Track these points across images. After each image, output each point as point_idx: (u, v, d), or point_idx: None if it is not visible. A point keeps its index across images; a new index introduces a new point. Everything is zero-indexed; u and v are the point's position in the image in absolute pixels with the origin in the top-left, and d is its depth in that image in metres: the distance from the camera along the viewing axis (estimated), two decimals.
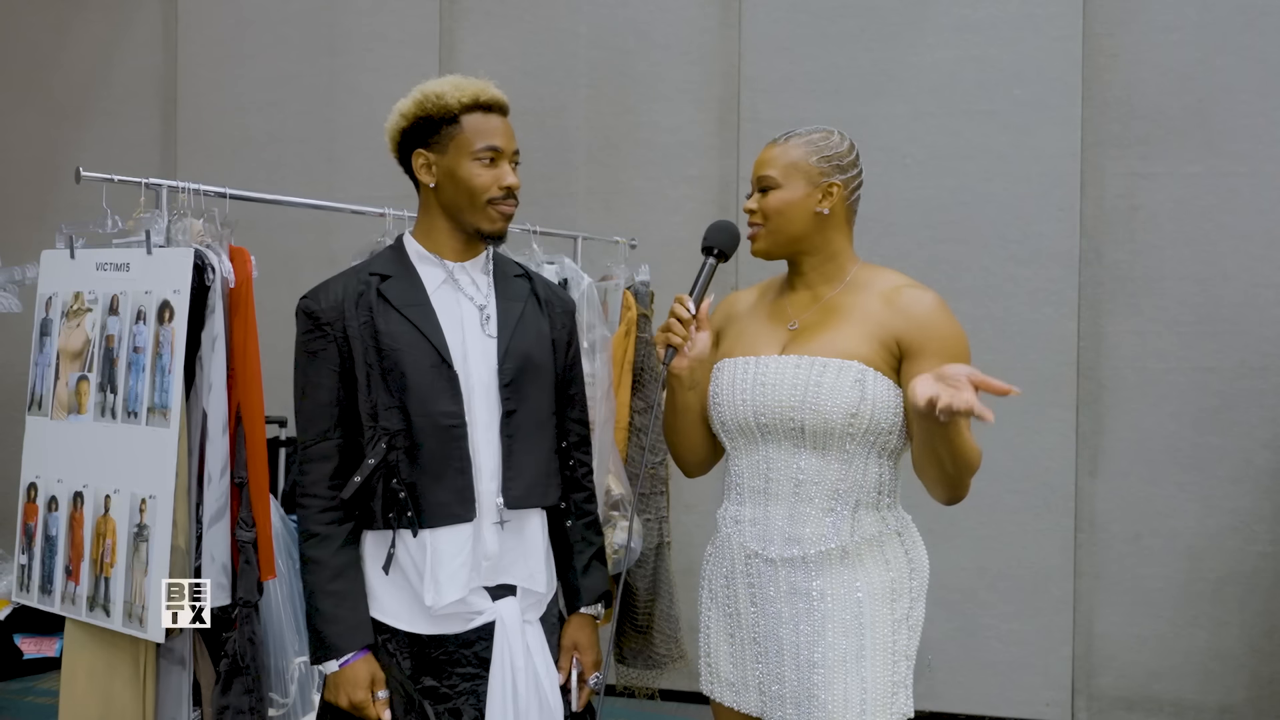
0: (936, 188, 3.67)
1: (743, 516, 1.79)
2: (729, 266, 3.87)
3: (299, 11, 4.33)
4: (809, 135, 1.79)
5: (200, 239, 2.11)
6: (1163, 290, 3.53)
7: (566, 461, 1.87)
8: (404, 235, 1.83)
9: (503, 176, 1.74)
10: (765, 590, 1.75)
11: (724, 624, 1.84)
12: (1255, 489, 3.47)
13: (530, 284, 1.86)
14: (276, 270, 2.77)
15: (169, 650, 2.08)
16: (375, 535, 1.74)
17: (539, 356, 1.80)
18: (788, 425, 1.71)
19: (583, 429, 1.92)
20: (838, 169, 1.77)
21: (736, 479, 1.81)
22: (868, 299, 1.74)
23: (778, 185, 1.76)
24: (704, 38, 3.91)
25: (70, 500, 2.18)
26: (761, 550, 1.75)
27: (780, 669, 1.74)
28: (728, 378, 1.79)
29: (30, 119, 4.71)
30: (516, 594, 1.77)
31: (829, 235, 1.78)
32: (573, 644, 1.87)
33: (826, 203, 1.76)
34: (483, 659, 1.74)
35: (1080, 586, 3.61)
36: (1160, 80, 3.53)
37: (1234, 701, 3.51)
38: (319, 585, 1.70)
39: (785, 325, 1.80)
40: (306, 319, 1.74)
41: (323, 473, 1.72)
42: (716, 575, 1.85)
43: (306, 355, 1.74)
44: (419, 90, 1.75)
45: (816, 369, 1.69)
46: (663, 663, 3.19)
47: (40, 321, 2.28)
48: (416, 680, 1.72)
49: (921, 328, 1.69)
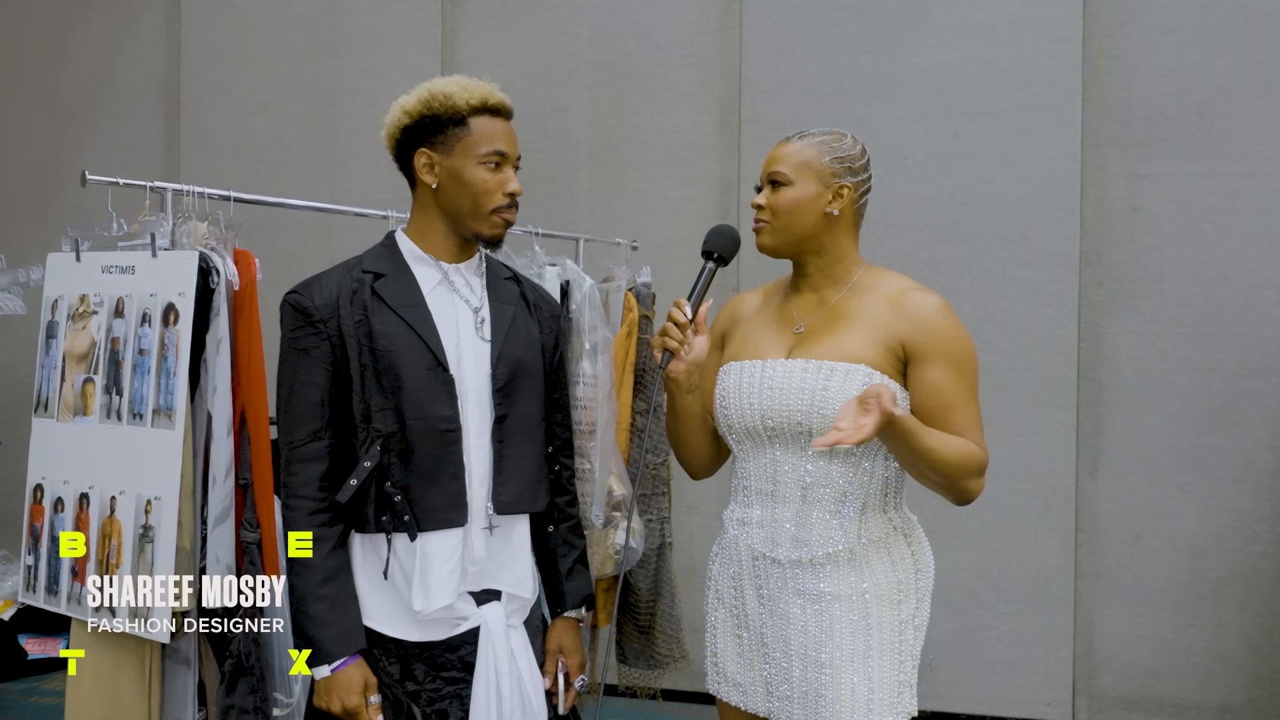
0: (937, 189, 3.68)
1: (750, 518, 1.79)
2: (730, 269, 3.88)
3: (301, 14, 4.34)
4: (822, 135, 1.79)
5: (204, 242, 2.12)
6: (1163, 291, 3.54)
7: (552, 466, 1.86)
8: (396, 233, 1.81)
9: (507, 182, 1.73)
10: (773, 591, 1.76)
11: (731, 625, 1.84)
12: (1255, 489, 3.48)
13: (519, 287, 1.86)
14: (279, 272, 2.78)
15: (174, 650, 2.09)
16: (364, 539, 1.72)
17: (530, 361, 1.79)
18: (795, 429, 1.71)
19: (566, 433, 1.91)
20: (849, 171, 1.78)
21: (744, 481, 1.81)
22: (873, 302, 1.75)
23: (789, 182, 1.76)
24: (705, 40, 3.92)
25: (76, 502, 2.19)
26: (769, 552, 1.76)
27: (788, 669, 1.75)
28: (734, 381, 1.79)
29: (34, 121, 4.73)
30: (501, 599, 1.77)
31: (836, 236, 1.79)
32: (558, 647, 1.87)
33: (836, 204, 1.77)
34: (468, 663, 1.73)
35: (1081, 587, 3.61)
36: (1160, 82, 3.53)
37: (1234, 701, 3.51)
38: (309, 589, 1.67)
39: (791, 328, 1.80)
40: (297, 314, 1.70)
41: (312, 474, 1.68)
42: (723, 576, 1.86)
43: (296, 352, 1.70)
44: (425, 88, 1.74)
45: (824, 373, 1.70)
46: (664, 663, 3.20)
47: (46, 324, 2.29)
48: (402, 684, 1.72)
49: (926, 332, 1.70)
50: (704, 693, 1.94)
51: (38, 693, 3.94)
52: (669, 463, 3.21)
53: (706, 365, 1.90)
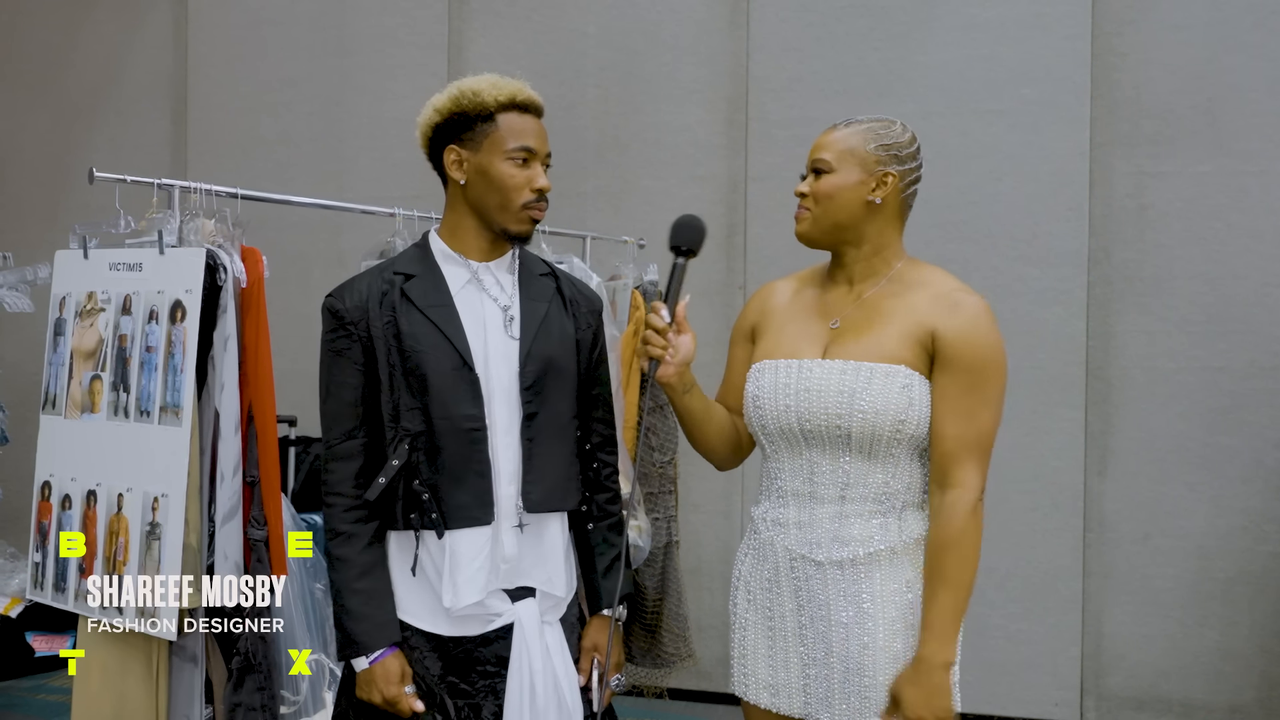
0: (945, 187, 3.67)
1: (786, 519, 1.75)
2: (735, 267, 3.87)
3: (308, 12, 4.35)
4: (870, 123, 1.74)
5: (212, 239, 2.12)
6: (1172, 289, 3.53)
7: (590, 463, 1.86)
8: (429, 233, 1.82)
9: (535, 178, 1.73)
10: (814, 593, 1.72)
11: (764, 627, 1.79)
12: (1265, 489, 3.46)
13: (556, 282, 1.85)
14: (286, 270, 2.79)
15: (181, 648, 2.09)
16: (398, 536, 1.75)
17: (562, 358, 1.79)
18: (834, 431, 1.68)
19: (607, 429, 1.90)
20: (895, 159, 1.72)
21: (778, 481, 1.77)
22: (914, 298, 1.71)
23: (831, 169, 1.72)
24: (712, 37, 3.92)
25: (84, 499, 2.19)
26: (809, 553, 1.72)
27: (828, 670, 1.71)
28: (769, 381, 1.75)
29: (42, 119, 4.74)
30: (535, 596, 1.77)
31: (879, 226, 1.74)
32: (593, 645, 1.86)
33: (880, 192, 1.71)
34: (502, 658, 1.74)
35: (1089, 586, 3.60)
36: (1169, 79, 3.52)
37: (1244, 701, 3.50)
38: (346, 583, 1.71)
39: (826, 323, 1.76)
40: (331, 318, 1.74)
41: (348, 472, 1.72)
42: (756, 577, 1.80)
43: (331, 354, 1.74)
44: (455, 86, 1.75)
45: (863, 375, 1.66)
46: (671, 662, 3.20)
47: (54, 321, 2.30)
48: (443, 677, 1.73)
49: (960, 336, 1.66)
50: (710, 691, 1.93)
51: (45, 690, 3.95)
52: (675, 461, 3.21)
53: (737, 356, 1.87)
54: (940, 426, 1.66)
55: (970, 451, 1.66)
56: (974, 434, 1.66)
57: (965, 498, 1.66)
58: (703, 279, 3.87)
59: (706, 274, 3.89)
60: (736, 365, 1.87)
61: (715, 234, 3.91)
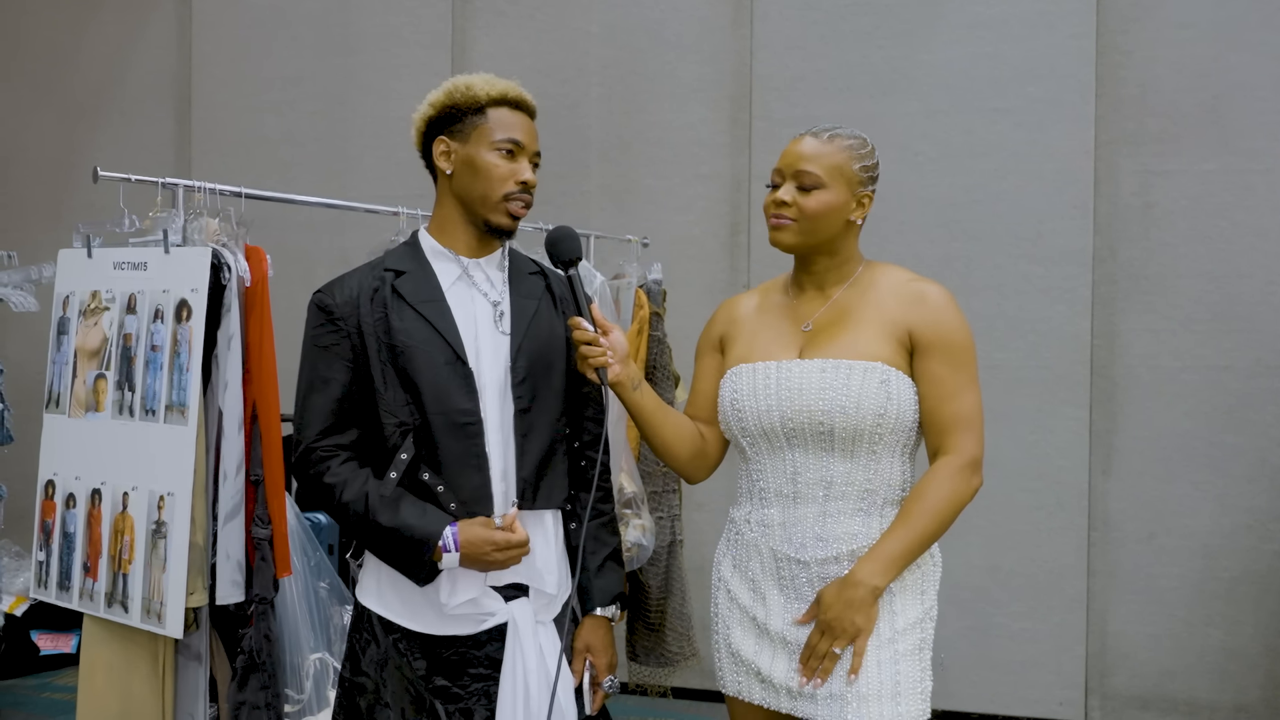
0: (949, 185, 3.66)
1: (770, 520, 1.77)
2: (739, 266, 3.87)
3: (312, 11, 4.35)
4: (849, 140, 1.78)
5: (216, 238, 2.12)
6: (1177, 288, 3.52)
7: (579, 460, 1.85)
8: (419, 231, 1.83)
9: (520, 171, 1.73)
10: (800, 591, 1.75)
11: (749, 624, 1.81)
12: (1271, 488, 3.46)
13: (545, 281, 1.85)
14: (290, 269, 2.79)
15: (186, 646, 2.10)
16: None
17: (552, 354, 1.79)
18: (816, 429, 1.71)
19: (596, 427, 1.88)
20: (871, 180, 1.79)
21: (759, 482, 1.80)
22: (880, 296, 1.76)
23: (823, 185, 1.74)
24: (716, 36, 3.91)
25: (88, 497, 2.20)
26: (794, 553, 1.74)
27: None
28: (748, 383, 1.77)
29: (46, 119, 4.75)
30: (529, 594, 1.76)
31: (851, 239, 1.81)
32: (585, 646, 1.83)
33: (859, 213, 1.78)
34: (494, 660, 1.72)
35: (1094, 585, 3.60)
36: (1174, 77, 3.51)
37: (1248, 700, 3.49)
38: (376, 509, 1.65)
39: (798, 327, 1.80)
40: (320, 313, 1.73)
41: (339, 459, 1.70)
42: (738, 577, 1.83)
43: (317, 349, 1.72)
44: (450, 81, 1.77)
45: (843, 372, 1.70)
46: (675, 660, 3.20)
47: (58, 320, 2.30)
48: (429, 680, 1.71)
49: (930, 322, 1.72)
50: (715, 690, 1.92)
51: (50, 688, 3.96)
52: None
53: (706, 366, 1.89)
54: (933, 406, 1.72)
55: (960, 422, 1.72)
56: (965, 407, 1.72)
57: (953, 460, 1.72)
58: (707, 277, 3.87)
59: (711, 273, 3.88)
60: (705, 375, 1.89)
61: (719, 233, 3.91)
